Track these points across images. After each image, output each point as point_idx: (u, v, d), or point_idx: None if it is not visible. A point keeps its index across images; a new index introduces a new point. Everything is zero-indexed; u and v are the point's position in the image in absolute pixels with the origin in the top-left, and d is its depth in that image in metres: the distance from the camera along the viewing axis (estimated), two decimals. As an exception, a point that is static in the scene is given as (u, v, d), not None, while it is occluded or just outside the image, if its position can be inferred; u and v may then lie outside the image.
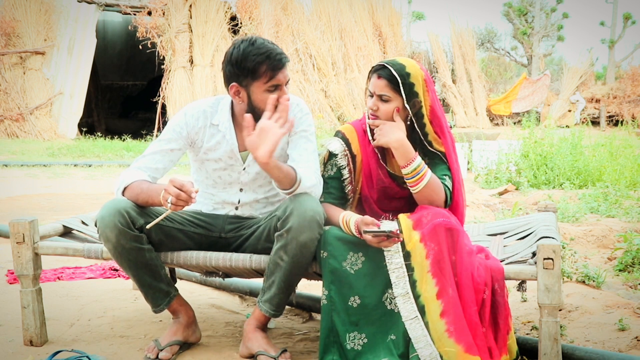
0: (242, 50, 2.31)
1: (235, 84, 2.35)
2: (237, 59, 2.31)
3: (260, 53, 2.29)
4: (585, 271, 3.34)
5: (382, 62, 2.38)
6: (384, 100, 2.35)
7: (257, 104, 2.36)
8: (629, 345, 2.46)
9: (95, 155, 10.56)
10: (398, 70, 2.33)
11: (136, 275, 2.39)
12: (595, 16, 78.26)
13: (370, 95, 2.40)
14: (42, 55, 13.52)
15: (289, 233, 2.23)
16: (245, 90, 2.36)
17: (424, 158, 2.38)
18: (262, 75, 2.31)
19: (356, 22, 16.41)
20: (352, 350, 2.21)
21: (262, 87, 2.33)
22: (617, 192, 6.02)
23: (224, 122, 2.47)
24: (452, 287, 2.15)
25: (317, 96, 14.97)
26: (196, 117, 2.48)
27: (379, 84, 2.35)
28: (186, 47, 13.75)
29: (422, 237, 2.20)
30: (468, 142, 8.93)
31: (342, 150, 2.46)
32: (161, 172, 2.46)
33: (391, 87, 2.33)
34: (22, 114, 13.05)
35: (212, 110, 2.50)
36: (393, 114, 2.35)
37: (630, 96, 18.43)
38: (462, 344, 2.08)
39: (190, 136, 2.48)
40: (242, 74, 2.32)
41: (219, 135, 2.47)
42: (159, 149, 2.46)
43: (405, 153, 2.28)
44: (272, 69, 2.31)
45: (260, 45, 2.31)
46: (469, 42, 19.15)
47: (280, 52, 2.33)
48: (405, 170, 2.30)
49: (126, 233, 2.28)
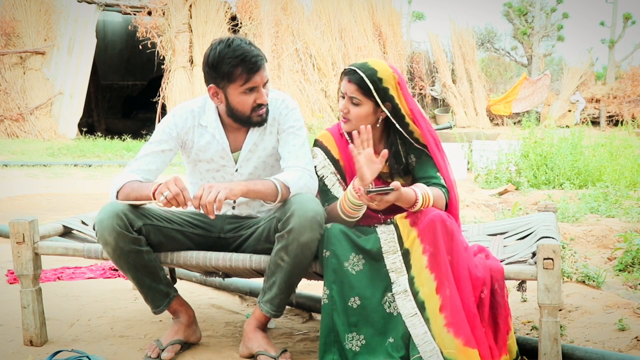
0: (218, 52, 2.30)
1: (213, 86, 2.36)
2: (213, 61, 2.31)
3: (235, 56, 2.28)
4: (585, 271, 3.34)
5: (353, 65, 2.38)
6: (355, 103, 2.36)
7: (234, 106, 2.37)
8: (629, 345, 2.46)
9: (95, 155, 10.56)
10: (369, 75, 2.33)
11: (135, 277, 2.39)
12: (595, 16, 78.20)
13: (342, 96, 2.40)
14: (42, 55, 13.52)
15: (290, 234, 2.23)
16: (222, 92, 2.36)
17: (410, 157, 2.41)
18: (237, 78, 2.31)
19: (356, 22, 16.40)
20: (350, 350, 2.21)
21: (238, 90, 2.33)
22: (617, 192, 6.02)
23: (211, 122, 2.47)
24: (449, 281, 2.16)
25: (317, 96, 14.97)
26: (184, 118, 2.48)
27: (349, 87, 2.36)
28: (186, 47, 13.75)
29: (419, 233, 2.21)
30: (468, 142, 8.92)
31: (322, 160, 2.48)
32: (154, 174, 2.46)
33: (361, 92, 2.34)
34: (22, 114, 13.05)
35: (199, 111, 2.50)
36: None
37: (630, 96, 18.41)
38: (461, 338, 2.09)
39: (180, 136, 2.48)
40: (219, 77, 2.32)
41: (209, 136, 2.47)
42: (150, 151, 2.46)
43: (407, 200, 2.24)
44: (247, 71, 2.30)
45: (236, 47, 2.29)
46: (469, 42, 19.14)
47: (256, 55, 2.31)
48: (413, 210, 2.29)
49: (125, 236, 2.28)
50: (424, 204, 2.26)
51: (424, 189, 2.29)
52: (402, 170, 2.44)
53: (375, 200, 2.20)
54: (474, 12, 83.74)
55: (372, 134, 2.34)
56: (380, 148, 2.45)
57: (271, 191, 2.33)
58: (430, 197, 2.28)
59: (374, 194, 2.17)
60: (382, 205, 2.22)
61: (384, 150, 2.21)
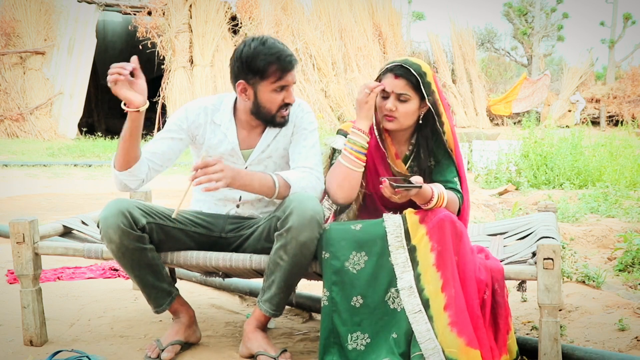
0: (253, 49, 2.32)
1: (242, 82, 2.37)
2: (247, 56, 2.33)
3: (271, 53, 2.31)
4: (585, 271, 3.34)
5: (396, 61, 2.36)
6: (402, 100, 2.34)
7: (263, 103, 2.38)
8: (629, 345, 2.46)
9: (95, 155, 10.56)
10: (416, 69, 2.33)
11: (139, 275, 2.39)
12: (595, 16, 78.28)
13: (383, 96, 2.38)
14: (42, 55, 13.53)
15: (288, 233, 2.23)
16: (252, 88, 2.37)
17: (430, 159, 2.42)
18: (271, 75, 2.33)
19: (356, 22, 16.41)
20: (354, 350, 2.21)
21: (269, 87, 2.35)
22: (617, 192, 6.02)
23: (225, 121, 2.48)
24: (455, 281, 2.16)
25: (317, 96, 14.97)
26: (197, 113, 2.49)
27: (398, 83, 2.33)
28: (186, 47, 13.76)
29: (428, 231, 2.21)
30: (468, 142, 8.93)
31: (343, 142, 2.45)
32: (159, 157, 2.43)
33: (411, 87, 2.33)
34: (22, 114, 13.06)
35: (213, 108, 2.51)
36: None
37: (630, 96, 18.43)
38: (464, 337, 2.08)
39: (191, 130, 2.48)
40: (251, 72, 2.34)
41: (221, 134, 2.48)
42: (159, 137, 2.47)
43: (424, 197, 2.24)
44: (281, 69, 2.33)
45: (271, 45, 2.33)
46: (469, 42, 19.16)
47: (290, 54, 2.35)
48: (426, 207, 2.28)
49: (129, 233, 2.28)
50: (438, 203, 2.26)
51: (440, 189, 2.29)
52: (421, 172, 2.43)
53: (398, 194, 2.20)
54: (474, 12, 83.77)
55: (406, 133, 2.39)
56: (406, 148, 2.46)
57: (268, 187, 2.34)
58: (445, 198, 2.28)
59: (401, 189, 2.17)
60: (403, 199, 2.23)
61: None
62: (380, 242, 2.24)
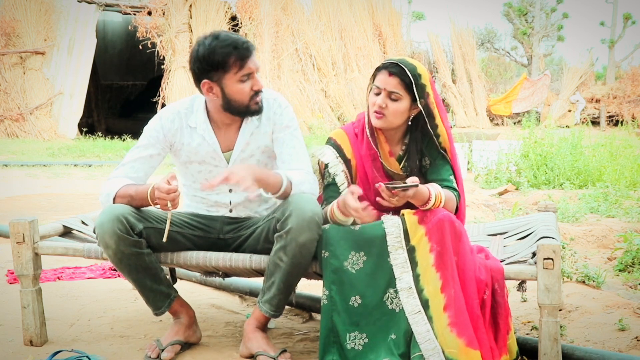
0: (208, 46, 2.31)
1: (206, 81, 2.34)
2: (204, 54, 2.31)
3: (226, 44, 2.30)
4: (585, 271, 3.34)
5: (393, 59, 2.36)
6: (393, 99, 2.34)
7: (232, 97, 2.36)
8: (629, 345, 2.46)
9: (95, 155, 10.56)
10: (411, 70, 2.32)
11: (137, 279, 2.39)
12: (595, 16, 78.28)
13: (376, 92, 2.38)
14: (42, 55, 13.53)
15: (288, 234, 2.23)
16: (217, 85, 2.35)
17: (424, 159, 2.42)
18: (232, 65, 2.31)
19: (356, 22, 16.40)
20: (352, 350, 2.21)
21: (234, 78, 2.33)
22: (617, 192, 6.02)
23: (200, 123, 2.45)
24: (455, 281, 2.15)
25: (317, 96, 14.97)
26: (171, 120, 2.47)
27: (390, 81, 2.33)
28: (186, 47, 13.75)
29: (427, 231, 2.21)
30: (468, 142, 8.92)
31: (334, 158, 2.46)
32: (142, 180, 2.45)
33: (403, 86, 2.32)
34: (22, 114, 13.06)
35: (186, 112, 2.48)
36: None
37: (630, 96, 18.42)
38: (464, 338, 2.09)
39: (168, 139, 2.46)
40: (213, 69, 2.32)
41: (198, 138, 2.46)
42: (138, 156, 2.45)
43: (421, 197, 2.24)
44: (240, 57, 2.31)
45: (225, 37, 2.31)
46: (469, 42, 19.15)
47: (245, 41, 2.34)
48: (424, 209, 2.28)
49: (125, 239, 2.28)
50: (435, 203, 2.26)
51: (437, 188, 2.29)
52: (416, 172, 2.42)
53: (396, 196, 2.19)
54: (474, 12, 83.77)
55: (397, 133, 2.38)
56: (400, 148, 2.45)
57: (278, 182, 2.34)
58: (442, 198, 2.28)
59: (398, 189, 2.16)
60: (402, 201, 2.21)
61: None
62: (380, 243, 2.24)
